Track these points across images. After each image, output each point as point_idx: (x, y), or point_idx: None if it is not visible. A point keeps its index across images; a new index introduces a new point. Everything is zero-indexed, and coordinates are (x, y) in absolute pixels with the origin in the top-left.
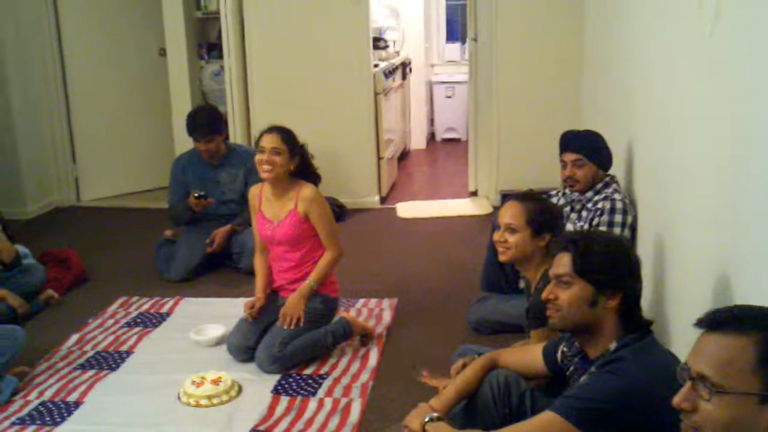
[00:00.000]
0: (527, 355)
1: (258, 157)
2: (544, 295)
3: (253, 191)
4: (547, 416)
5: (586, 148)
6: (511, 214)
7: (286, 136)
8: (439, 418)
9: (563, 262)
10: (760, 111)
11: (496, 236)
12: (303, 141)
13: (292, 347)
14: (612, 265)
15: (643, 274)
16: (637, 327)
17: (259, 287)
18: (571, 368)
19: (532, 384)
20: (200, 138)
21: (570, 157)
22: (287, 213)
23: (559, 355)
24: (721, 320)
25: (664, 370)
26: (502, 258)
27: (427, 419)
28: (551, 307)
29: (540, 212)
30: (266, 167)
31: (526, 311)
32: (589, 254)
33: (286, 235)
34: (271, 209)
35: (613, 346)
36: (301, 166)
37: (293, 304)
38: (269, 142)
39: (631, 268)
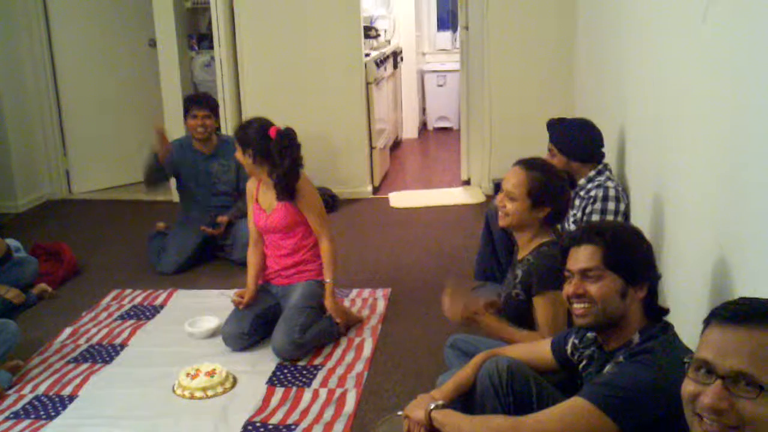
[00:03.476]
0: (533, 348)
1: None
2: (571, 291)
3: (251, 184)
4: (576, 402)
5: (557, 138)
6: (513, 183)
7: (249, 149)
8: (444, 405)
9: (587, 255)
10: (756, 94)
11: (498, 199)
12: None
13: (309, 334)
14: (638, 255)
15: None
16: (656, 316)
17: (250, 279)
18: (584, 361)
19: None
20: (198, 109)
21: (549, 145)
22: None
23: (569, 347)
24: (748, 313)
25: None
26: (500, 222)
27: (432, 406)
28: (581, 302)
29: (543, 185)
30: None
31: (504, 298)
32: (618, 245)
33: (278, 223)
34: (266, 199)
35: (636, 337)
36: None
37: (333, 307)
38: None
39: (651, 257)
